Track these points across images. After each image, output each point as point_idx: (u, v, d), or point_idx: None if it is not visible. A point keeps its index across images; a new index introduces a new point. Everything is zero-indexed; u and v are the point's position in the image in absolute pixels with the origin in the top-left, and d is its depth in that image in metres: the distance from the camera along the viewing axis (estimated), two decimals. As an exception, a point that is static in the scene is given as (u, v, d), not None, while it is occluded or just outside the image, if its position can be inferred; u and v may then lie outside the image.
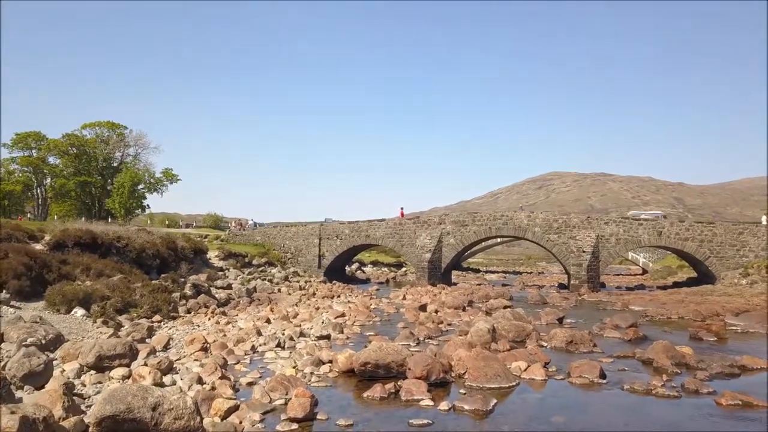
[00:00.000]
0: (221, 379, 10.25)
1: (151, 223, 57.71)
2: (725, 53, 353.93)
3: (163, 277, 24.94)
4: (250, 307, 23.47)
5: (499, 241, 60.82)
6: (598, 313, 23.78)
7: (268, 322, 18.88)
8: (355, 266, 51.35)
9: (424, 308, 22.72)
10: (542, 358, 12.71)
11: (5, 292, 16.79)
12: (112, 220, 48.50)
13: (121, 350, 10.83)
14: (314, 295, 29.68)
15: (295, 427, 8.18)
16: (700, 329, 17.77)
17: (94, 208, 54.42)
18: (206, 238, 43.66)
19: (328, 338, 15.85)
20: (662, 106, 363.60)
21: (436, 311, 22.46)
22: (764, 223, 35.67)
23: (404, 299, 28.30)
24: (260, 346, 14.32)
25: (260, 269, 36.75)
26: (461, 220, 39.94)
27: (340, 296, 29.52)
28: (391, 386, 10.11)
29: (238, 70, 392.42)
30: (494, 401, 9.48)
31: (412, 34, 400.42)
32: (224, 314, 20.65)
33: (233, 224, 55.30)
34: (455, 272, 46.99)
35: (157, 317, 18.12)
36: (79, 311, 16.83)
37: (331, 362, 12.22)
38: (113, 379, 10.17)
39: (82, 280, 20.43)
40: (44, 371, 9.51)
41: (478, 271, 59.46)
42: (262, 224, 55.12)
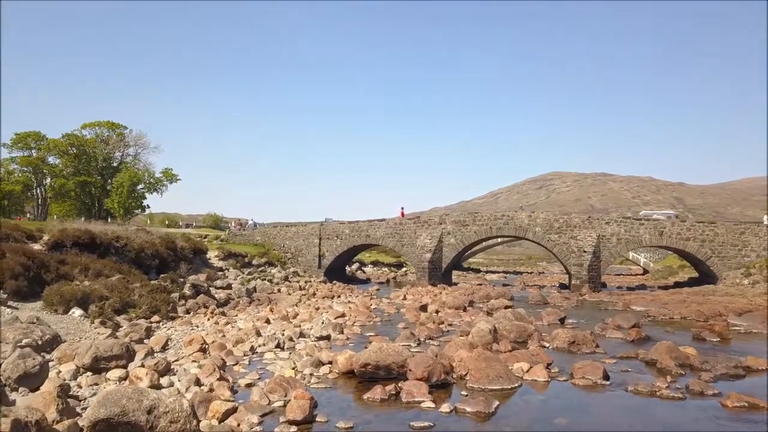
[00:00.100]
0: (219, 380, 10.11)
1: (150, 223, 57.54)
2: (725, 53, 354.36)
3: (162, 277, 24.80)
4: (249, 307, 23.33)
5: (499, 241, 60.69)
6: (599, 313, 23.65)
7: (267, 322, 18.73)
8: (355, 266, 51.22)
9: (424, 308, 22.57)
10: (544, 359, 12.58)
11: (2, 292, 16.66)
12: (111, 220, 48.36)
13: (117, 351, 10.68)
14: (314, 295, 29.54)
15: (293, 429, 8.04)
16: (703, 330, 17.63)
17: (93, 208, 54.27)
18: (206, 238, 43.51)
19: (328, 339, 15.70)
20: (662, 106, 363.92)
21: (436, 311, 22.32)
22: (766, 222, 35.47)
23: (405, 299, 28.16)
24: (259, 346, 14.17)
25: (260, 269, 36.61)
26: (462, 219, 39.78)
27: (340, 296, 29.38)
28: (391, 388, 9.97)
29: (238, 70, 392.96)
30: (496, 403, 9.35)
31: (412, 34, 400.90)
32: (223, 314, 20.50)
33: (233, 224, 55.15)
34: (456, 272, 46.84)
35: (155, 318, 17.98)
36: (76, 311, 16.68)
37: (330, 363, 12.07)
38: (110, 380, 10.03)
39: (80, 280, 20.29)
40: (39, 373, 9.37)
41: (478, 271, 59.30)
42: (262, 224, 54.97)
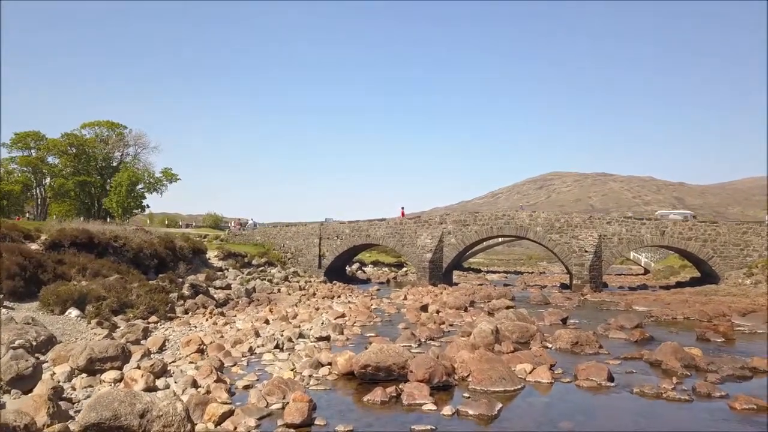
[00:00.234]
0: (217, 382, 9.92)
1: (150, 223, 57.35)
2: (725, 53, 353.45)
3: (160, 277, 24.60)
4: (249, 307, 23.13)
5: (500, 241, 60.51)
6: (601, 313, 23.45)
7: (266, 322, 18.53)
8: (355, 266, 51.02)
9: (425, 309, 22.37)
10: (547, 360, 12.38)
11: (-2, 292, 16.46)
12: (110, 219, 48.15)
13: (113, 352, 10.48)
14: (314, 295, 29.35)
15: (292, 433, 7.85)
16: (707, 330, 17.40)
17: (93, 208, 54.07)
18: (206, 237, 43.34)
19: (327, 339, 15.49)
20: (662, 106, 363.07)
21: (437, 312, 22.13)
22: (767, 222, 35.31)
23: (405, 299, 27.96)
24: (258, 347, 13.98)
25: (260, 269, 36.41)
26: (462, 219, 39.57)
27: (340, 296, 29.18)
28: (392, 390, 9.77)
29: (238, 70, 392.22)
30: (499, 405, 9.14)
31: (412, 34, 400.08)
32: (222, 315, 20.31)
33: (233, 224, 54.95)
34: (456, 272, 46.65)
35: (153, 318, 17.79)
36: (73, 312, 16.49)
37: (330, 364, 11.87)
38: (105, 382, 9.83)
39: (77, 280, 20.11)
40: (33, 374, 9.19)
41: (479, 271, 59.10)
42: (262, 224, 54.76)
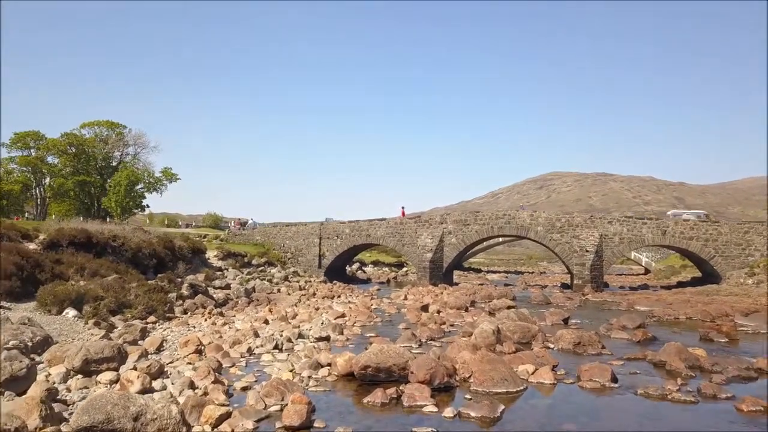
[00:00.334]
0: (214, 383, 9.75)
1: (150, 222, 57.19)
2: (725, 53, 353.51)
3: (159, 277, 24.45)
4: (248, 307, 22.98)
5: (500, 240, 60.33)
6: (603, 313, 23.29)
7: (266, 323, 18.37)
8: (355, 266, 50.87)
9: (426, 309, 22.20)
10: (550, 360, 12.22)
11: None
12: (110, 219, 47.98)
13: (109, 353, 10.31)
14: (314, 295, 29.19)
15: (290, 435, 7.68)
16: (710, 330, 17.25)
17: (93, 207, 53.92)
18: (205, 237, 43.21)
19: (327, 340, 15.32)
20: (662, 106, 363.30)
21: (438, 312, 21.96)
22: (770, 221, 35.16)
23: (405, 299, 27.79)
24: (257, 348, 13.81)
25: (260, 269, 36.26)
26: (463, 219, 39.40)
27: (340, 296, 29.02)
28: (392, 391, 9.61)
29: (238, 70, 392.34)
30: (502, 407, 8.98)
31: (412, 34, 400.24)
32: (221, 315, 20.15)
33: (233, 224, 54.81)
34: (456, 272, 46.48)
35: (151, 318, 17.64)
36: (70, 312, 16.34)
37: (330, 365, 11.70)
38: (100, 383, 9.66)
39: (75, 280, 19.95)
40: (27, 375, 9.02)
41: (479, 271, 58.94)
42: (262, 224, 54.62)
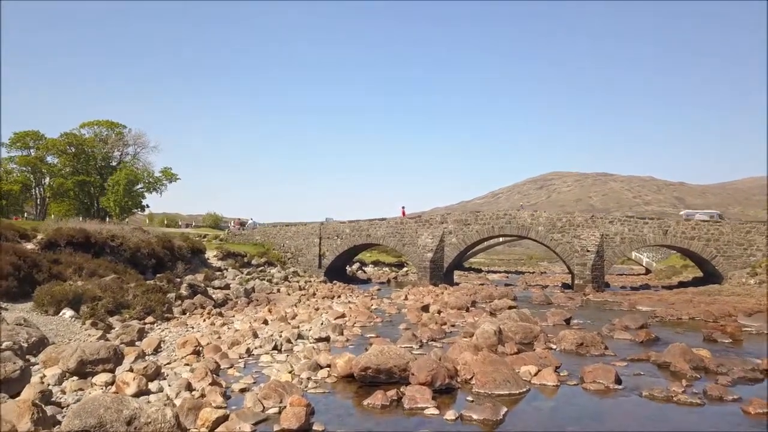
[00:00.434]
0: (212, 385, 9.58)
1: (149, 222, 56.97)
2: (725, 53, 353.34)
3: (158, 277, 24.26)
4: (248, 307, 22.81)
5: (501, 240, 60.12)
6: (605, 313, 23.12)
7: (265, 323, 18.20)
8: (356, 266, 50.69)
9: (426, 309, 22.04)
10: (552, 361, 12.06)
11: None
12: (109, 219, 47.82)
13: (104, 354, 10.15)
14: (314, 295, 29.02)
15: (289, 439, 7.52)
16: (714, 330, 17.09)
17: (92, 207, 53.78)
18: (205, 237, 43.03)
19: (327, 340, 15.15)
20: (662, 106, 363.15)
21: (438, 312, 21.80)
22: (772, 221, 34.97)
23: (406, 299, 27.62)
24: (256, 348, 13.65)
25: (259, 269, 36.08)
26: (464, 219, 39.23)
27: (340, 296, 28.85)
28: (393, 393, 9.45)
29: (238, 70, 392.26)
30: (504, 410, 8.81)
31: (412, 34, 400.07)
32: (221, 315, 19.98)
33: (233, 224, 54.64)
34: (457, 272, 46.29)
35: (150, 319, 17.47)
36: (67, 312, 16.16)
37: (329, 367, 11.53)
38: (96, 385, 9.50)
39: (73, 280, 19.77)
40: (21, 377, 8.86)
41: (480, 271, 58.77)
42: (262, 224, 54.43)
